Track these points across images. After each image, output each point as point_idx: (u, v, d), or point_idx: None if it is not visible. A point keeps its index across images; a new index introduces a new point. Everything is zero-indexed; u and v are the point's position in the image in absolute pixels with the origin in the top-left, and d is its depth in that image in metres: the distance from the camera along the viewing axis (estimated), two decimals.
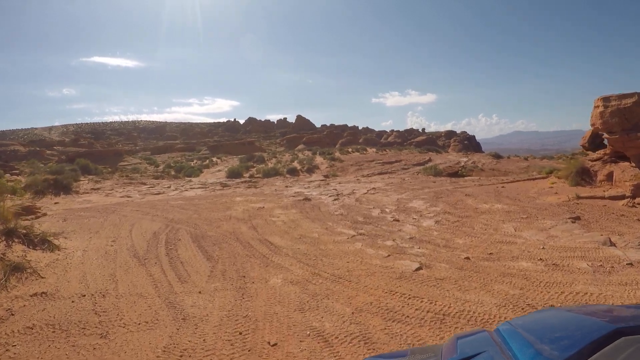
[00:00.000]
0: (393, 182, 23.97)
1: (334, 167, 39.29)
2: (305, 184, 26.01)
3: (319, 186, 23.44)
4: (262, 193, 20.85)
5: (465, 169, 38.42)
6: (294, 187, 23.40)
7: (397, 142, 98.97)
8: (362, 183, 24.87)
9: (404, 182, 24.52)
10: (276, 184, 27.28)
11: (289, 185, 24.91)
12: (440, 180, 24.61)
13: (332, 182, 26.14)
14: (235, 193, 21.49)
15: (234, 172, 37.53)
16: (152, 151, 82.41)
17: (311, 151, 52.26)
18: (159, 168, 50.72)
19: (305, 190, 21.32)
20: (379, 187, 21.26)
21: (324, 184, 25.36)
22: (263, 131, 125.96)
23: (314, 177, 32.44)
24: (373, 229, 11.61)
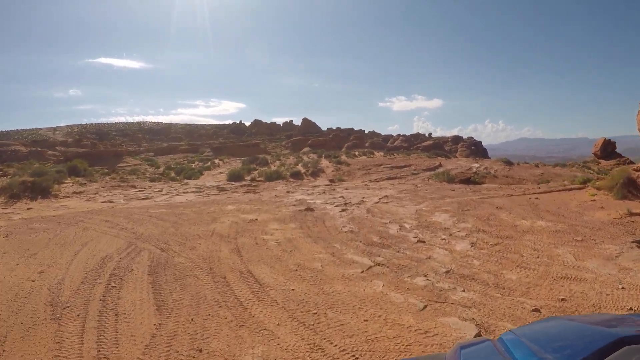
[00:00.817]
0: (406, 189, 21.12)
1: (340, 171, 36.47)
2: (309, 189, 23.24)
3: (323, 192, 20.60)
4: (259, 200, 18.00)
5: (477, 175, 35.79)
6: (296, 193, 20.61)
7: (404, 146, 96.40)
8: (371, 189, 22.03)
9: (418, 189, 21.72)
10: (277, 189, 24.56)
11: (291, 191, 22.10)
12: (458, 188, 21.70)
13: (338, 188, 23.35)
14: (229, 199, 18.66)
15: (235, 175, 34.85)
16: (156, 152, 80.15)
17: (316, 154, 49.42)
18: (159, 170, 48.52)
19: (309, 197, 18.49)
20: (392, 195, 18.39)
21: (329, 189, 22.57)
22: (269, 134, 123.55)
23: (319, 181, 29.60)
24: (394, 254, 8.71)
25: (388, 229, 11.20)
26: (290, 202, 16.84)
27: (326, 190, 21.78)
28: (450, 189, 21.36)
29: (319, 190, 22.25)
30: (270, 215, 13.33)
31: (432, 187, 22.80)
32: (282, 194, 20.95)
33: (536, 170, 41.68)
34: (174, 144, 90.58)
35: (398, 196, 18.09)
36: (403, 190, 20.39)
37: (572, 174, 40.95)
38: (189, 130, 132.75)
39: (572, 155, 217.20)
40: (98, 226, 12.12)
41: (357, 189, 22.57)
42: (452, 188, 21.66)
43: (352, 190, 21.64)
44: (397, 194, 18.87)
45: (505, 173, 38.33)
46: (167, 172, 44.27)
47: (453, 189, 20.81)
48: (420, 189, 21.41)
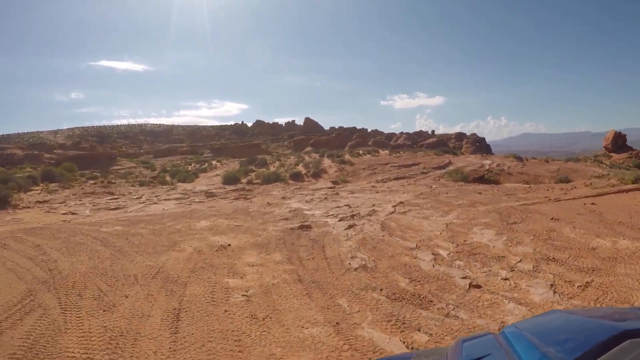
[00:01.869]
0: (423, 193, 17.45)
1: (343, 171, 32.78)
2: (308, 193, 19.65)
3: (325, 198, 16.93)
4: (246, 211, 14.34)
5: (491, 173, 32.17)
6: (292, 200, 16.97)
7: (407, 144, 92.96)
8: (381, 193, 18.39)
9: (435, 191, 18.09)
10: (273, 194, 21.01)
11: (287, 197, 18.46)
12: (484, 190, 17.95)
13: (343, 192, 19.72)
14: (211, 209, 15.07)
15: (230, 177, 31.29)
16: (155, 154, 76.95)
17: (318, 154, 45.71)
18: (155, 172, 45.30)
19: (306, 206, 14.82)
20: (408, 201, 14.70)
21: (332, 194, 18.95)
22: (271, 134, 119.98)
23: (321, 183, 25.92)
24: (442, 323, 4.95)
25: (418, 261, 7.43)
26: (283, 213, 13.12)
27: (328, 195, 18.18)
28: (475, 190, 17.68)
29: (320, 195, 18.64)
30: (250, 238, 9.62)
31: (451, 189, 19.17)
32: (277, 200, 17.34)
33: (551, 166, 38.04)
34: (174, 146, 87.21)
35: (416, 202, 14.43)
36: (420, 195, 16.70)
37: (590, 169, 37.39)
38: (191, 131, 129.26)
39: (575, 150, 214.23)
40: (17, 255, 8.52)
41: (365, 193, 18.96)
42: (477, 190, 17.93)
43: (359, 195, 18.03)
44: (413, 199, 15.22)
45: (519, 170, 34.79)
46: (162, 175, 41.09)
47: (479, 192, 17.09)
48: (439, 191, 17.80)
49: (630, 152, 59.15)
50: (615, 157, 57.12)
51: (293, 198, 17.80)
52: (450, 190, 18.59)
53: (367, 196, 17.31)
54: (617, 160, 54.79)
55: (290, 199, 17.60)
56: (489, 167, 34.54)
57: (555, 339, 1.38)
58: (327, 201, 16.01)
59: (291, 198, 17.85)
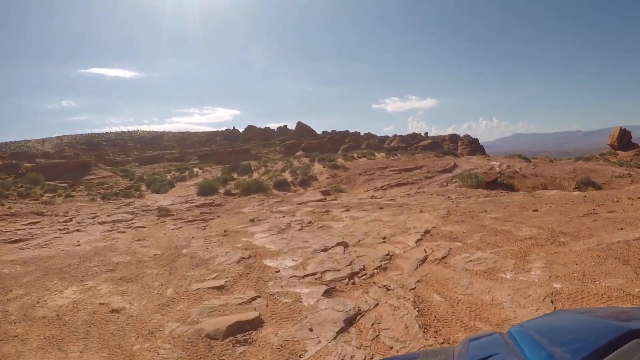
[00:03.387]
0: (446, 208, 11.88)
1: (336, 177, 27.15)
2: (289, 210, 14.30)
3: (308, 223, 11.29)
4: (174, 255, 8.56)
5: (504, 176, 26.80)
6: (261, 226, 11.36)
7: (401, 146, 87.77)
8: (386, 209, 12.77)
9: (461, 205, 12.58)
10: (244, 211, 15.75)
11: (259, 219, 12.94)
12: (530, 203, 12.34)
13: (335, 207, 14.15)
14: (124, 254, 9.40)
15: (207, 187, 25.80)
16: (141, 162, 71.40)
17: (308, 158, 40.04)
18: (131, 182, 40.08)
19: (277, 240, 9.14)
20: (437, 229, 9.03)
21: (320, 211, 13.39)
22: (263, 139, 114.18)
23: (308, 194, 20.28)
24: None
25: None
26: (226, 266, 7.31)
27: (315, 214, 12.64)
28: (521, 205, 12.07)
29: (304, 214, 13.08)
30: None
31: (481, 201, 13.70)
32: (240, 225, 11.81)
33: (565, 167, 32.71)
34: (160, 153, 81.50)
35: (450, 231, 8.75)
36: (446, 214, 11.01)
37: (607, 169, 32.18)
38: (181, 138, 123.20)
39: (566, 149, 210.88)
40: None
41: (364, 209, 13.40)
42: (523, 203, 12.28)
43: (357, 214, 12.45)
44: (442, 224, 9.58)
45: (532, 171, 29.62)
46: (137, 184, 35.72)
47: (531, 207, 11.46)
48: (467, 206, 12.28)
49: (637, 149, 54.26)
50: (622, 155, 52.19)
51: (265, 221, 12.23)
52: (480, 203, 13.08)
53: (369, 216, 11.71)
54: (625, 158, 50.14)
55: (261, 222, 12.03)
56: (500, 170, 29.15)
57: (562, 338, 1.34)
58: (311, 228, 10.43)
59: (262, 221, 12.28)
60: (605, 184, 27.03)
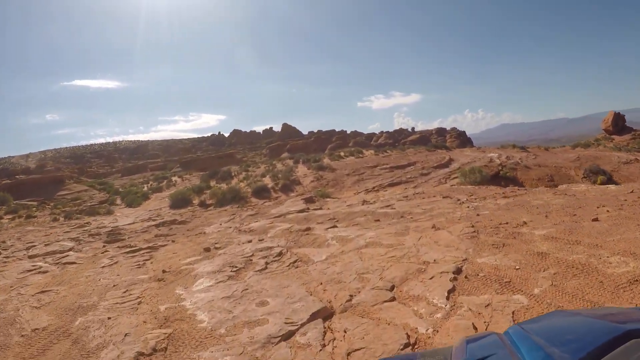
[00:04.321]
0: (470, 220, 8.60)
1: (322, 180, 23.82)
2: (264, 224, 11.18)
3: (279, 254, 7.92)
4: (71, 321, 5.31)
5: (506, 168, 23.69)
6: (216, 259, 8.20)
7: (389, 143, 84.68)
8: (383, 220, 9.52)
9: (482, 212, 9.48)
10: (208, 230, 12.82)
11: (218, 245, 9.72)
12: (581, 204, 9.09)
13: (319, 220, 10.93)
14: (6, 320, 6.11)
15: (180, 198, 22.50)
16: (124, 172, 67.91)
17: (293, 159, 36.62)
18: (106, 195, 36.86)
19: (228, 287, 5.93)
20: (472, 263, 5.75)
21: (299, 228, 10.21)
22: (249, 142, 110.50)
23: (289, 203, 16.90)
24: None
25: None
26: (122, 357, 4.06)
27: (290, 237, 9.33)
28: (563, 208, 8.85)
29: (278, 234, 9.85)
30: None
31: (505, 204, 10.49)
32: (189, 260, 8.57)
33: (568, 155, 29.69)
34: (144, 162, 77.83)
35: (495, 267, 5.43)
36: (472, 232, 7.69)
37: (612, 155, 29.22)
38: (166, 146, 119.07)
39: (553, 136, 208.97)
40: None
41: (358, 225, 10.13)
42: (566, 207, 8.99)
43: (347, 233, 9.14)
44: (473, 250, 6.29)
45: (534, 162, 26.51)
46: (112, 198, 32.39)
47: (594, 217, 8.11)
48: (489, 212, 9.17)
49: (633, 132, 51.47)
50: (618, 139, 49.47)
51: (223, 250, 9.00)
52: (506, 208, 9.84)
53: (362, 237, 8.39)
54: (621, 143, 47.47)
55: (217, 253, 8.77)
56: (501, 161, 26.02)
57: (560, 339, 1.30)
58: (280, 268, 7.08)
59: (220, 250, 9.06)
60: (615, 172, 24.05)
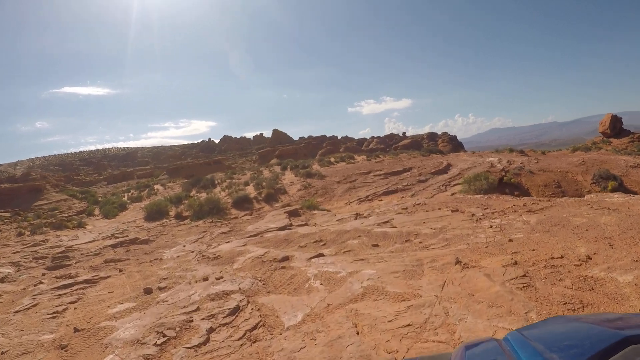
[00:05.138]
0: (510, 253, 6.13)
1: (310, 188, 21.26)
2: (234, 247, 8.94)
3: (235, 310, 5.34)
4: None
5: (509, 174, 21.28)
6: (150, 310, 5.64)
7: (380, 148, 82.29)
8: (386, 251, 6.97)
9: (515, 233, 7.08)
10: (166, 256, 10.53)
11: (162, 286, 7.10)
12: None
13: (301, 250, 8.46)
14: None
15: (156, 210, 19.99)
16: (110, 180, 65.05)
17: (281, 165, 33.98)
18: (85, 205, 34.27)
19: None
20: None
21: (273, 258, 7.73)
22: (239, 148, 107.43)
23: (271, 216, 14.30)
24: None
25: None
26: None
27: (259, 274, 6.77)
28: (622, 230, 6.40)
29: (246, 267, 7.34)
30: None
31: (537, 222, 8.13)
32: (117, 310, 5.97)
33: (572, 159, 27.27)
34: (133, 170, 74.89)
35: None
36: (511, 271, 5.17)
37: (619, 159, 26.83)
38: (156, 153, 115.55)
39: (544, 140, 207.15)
40: None
41: (352, 254, 7.68)
42: (624, 229, 6.53)
43: (337, 268, 6.58)
44: (536, 314, 3.87)
45: (536, 166, 24.18)
46: (90, 208, 29.86)
47: None
48: (525, 236, 6.87)
49: (631, 135, 49.48)
50: (616, 143, 47.50)
51: (169, 291, 6.51)
52: (544, 230, 7.41)
53: (358, 278, 5.84)
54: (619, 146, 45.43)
55: (158, 296, 6.28)
56: (503, 167, 23.58)
57: (559, 345, 1.29)
58: (240, 325, 4.56)
59: (163, 292, 6.62)
60: (624, 177, 21.70)
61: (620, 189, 19.91)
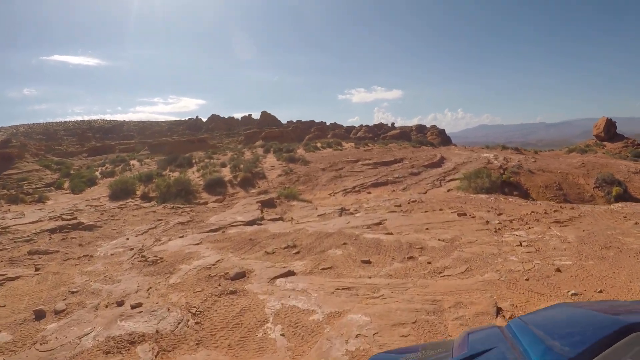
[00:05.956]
0: (554, 287, 4.01)
1: (292, 174, 18.99)
2: (181, 249, 6.64)
3: None
4: None
5: (508, 172, 19.29)
6: (20, 356, 3.25)
7: (368, 137, 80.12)
8: (394, 283, 4.81)
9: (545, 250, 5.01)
10: (102, 251, 7.89)
11: (62, 307, 4.76)
12: None
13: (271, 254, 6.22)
14: None
15: (122, 188, 17.70)
16: (90, 153, 62.21)
17: (264, 148, 31.57)
18: (56, 177, 31.73)
19: None
20: None
21: (233, 261, 5.52)
22: (226, 128, 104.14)
23: (241, 205, 12.01)
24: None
25: None
26: None
27: (202, 291, 4.55)
28: None
29: (188, 280, 5.04)
30: None
31: (576, 238, 6.08)
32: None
33: (572, 160, 25.27)
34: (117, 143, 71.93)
35: None
36: None
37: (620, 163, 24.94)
38: (142, 127, 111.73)
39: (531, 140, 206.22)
40: None
41: (332, 273, 5.46)
42: None
43: (312, 291, 4.40)
44: None
45: (535, 165, 22.16)
46: (60, 180, 27.31)
47: None
48: (575, 262, 4.78)
49: (625, 140, 48.32)
50: (610, 147, 46.19)
51: (70, 317, 4.18)
52: (601, 255, 5.34)
53: (342, 325, 3.64)
54: (613, 150, 44.25)
55: (47, 327, 3.94)
56: (501, 164, 21.51)
57: (561, 332, 1.26)
58: None
59: (68, 316, 4.29)
60: (627, 182, 19.77)
61: (625, 195, 18.19)
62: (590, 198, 18.66)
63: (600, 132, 48.49)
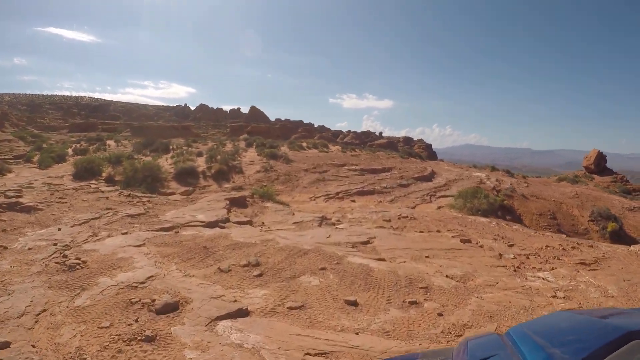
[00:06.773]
0: None
1: (271, 172, 17.29)
2: (120, 252, 4.96)
3: None
4: None
5: (501, 195, 17.87)
6: None
7: (355, 143, 78.82)
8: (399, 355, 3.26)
9: (586, 296, 3.29)
10: (16, 247, 5.61)
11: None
12: None
13: (227, 273, 4.54)
14: None
15: (87, 168, 15.90)
16: (72, 129, 59.97)
17: (247, 142, 29.78)
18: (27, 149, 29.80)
19: None
20: None
21: (174, 280, 3.80)
22: (214, 119, 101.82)
23: (209, 201, 10.30)
24: None
25: None
26: None
27: (118, 325, 2.84)
28: None
29: (105, 305, 3.29)
30: None
31: (613, 291, 4.44)
32: None
33: (565, 189, 24.06)
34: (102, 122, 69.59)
35: None
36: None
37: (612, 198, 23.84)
38: (129, 109, 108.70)
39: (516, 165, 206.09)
40: None
41: (304, 308, 3.72)
42: None
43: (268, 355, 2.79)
44: None
45: (527, 190, 21.12)
46: (30, 154, 25.51)
47: None
48: None
49: (614, 175, 47.73)
50: (598, 180, 45.48)
51: None
52: None
53: None
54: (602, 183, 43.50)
55: None
56: (494, 185, 20.13)
57: (561, 339, 1.22)
58: None
59: None
60: (622, 219, 18.51)
61: (621, 232, 16.97)
62: (585, 231, 17.36)
63: (590, 164, 47.84)
